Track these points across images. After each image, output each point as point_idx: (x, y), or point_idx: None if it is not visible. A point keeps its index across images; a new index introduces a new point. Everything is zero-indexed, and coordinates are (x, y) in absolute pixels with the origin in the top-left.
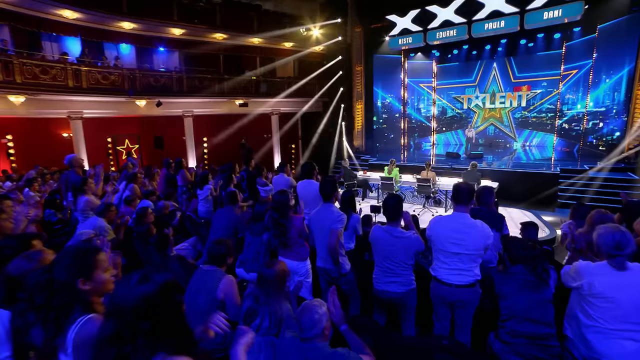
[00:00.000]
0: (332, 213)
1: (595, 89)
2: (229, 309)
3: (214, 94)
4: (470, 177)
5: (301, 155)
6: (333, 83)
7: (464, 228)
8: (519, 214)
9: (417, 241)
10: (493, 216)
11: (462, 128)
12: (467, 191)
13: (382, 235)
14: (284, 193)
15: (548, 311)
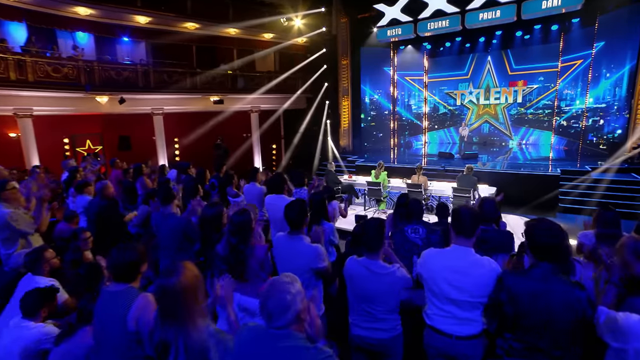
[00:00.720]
0: (306, 248)
1: (595, 84)
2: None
3: (185, 90)
4: (465, 182)
5: (284, 155)
6: (317, 78)
7: (467, 268)
8: (519, 220)
9: (404, 279)
10: (501, 236)
11: (455, 126)
12: (472, 218)
13: (359, 272)
14: (244, 213)
15: None
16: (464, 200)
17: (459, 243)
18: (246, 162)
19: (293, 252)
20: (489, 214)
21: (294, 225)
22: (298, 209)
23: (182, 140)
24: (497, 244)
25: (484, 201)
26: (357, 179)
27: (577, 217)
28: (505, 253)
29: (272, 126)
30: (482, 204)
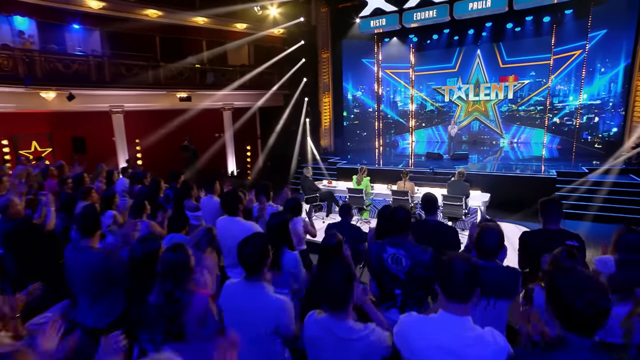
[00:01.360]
0: (269, 303)
1: (590, 79)
2: None
3: (147, 85)
4: (457, 189)
5: (260, 157)
6: (295, 72)
7: (464, 348)
8: (514, 230)
9: (381, 346)
10: (506, 276)
11: (444, 123)
12: (467, 277)
13: (322, 336)
14: (178, 250)
15: None
16: (455, 209)
17: (451, 310)
18: (218, 164)
19: (250, 306)
20: (488, 246)
21: (250, 269)
22: (257, 247)
23: (145, 142)
24: (497, 287)
25: (485, 234)
26: (338, 184)
27: (578, 225)
28: (508, 298)
29: (247, 125)
30: (481, 237)
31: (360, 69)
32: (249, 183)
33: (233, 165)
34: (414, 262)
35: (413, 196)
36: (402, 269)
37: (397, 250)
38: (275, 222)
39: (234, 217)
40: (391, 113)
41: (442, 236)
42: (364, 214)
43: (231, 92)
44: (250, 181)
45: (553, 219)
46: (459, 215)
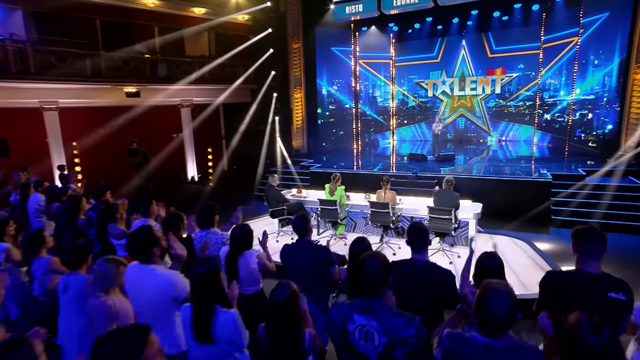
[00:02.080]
0: None
1: (582, 72)
2: None
3: (85, 78)
4: (445, 199)
5: (226, 160)
6: (262, 64)
7: None
8: (510, 244)
9: None
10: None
11: (427, 120)
12: None
13: None
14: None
15: None
16: (443, 223)
17: None
18: (176, 170)
19: None
20: (499, 321)
21: None
22: None
23: (85, 144)
24: None
25: (490, 297)
26: (309, 194)
27: None
28: None
29: (210, 124)
30: (485, 302)
31: (336, 61)
32: (210, 190)
33: (194, 169)
34: (391, 340)
35: (394, 208)
36: (374, 348)
37: (367, 320)
38: (202, 270)
39: (146, 263)
40: (369, 111)
41: (434, 284)
42: (339, 229)
43: (189, 87)
44: (212, 188)
45: (593, 256)
46: (447, 231)
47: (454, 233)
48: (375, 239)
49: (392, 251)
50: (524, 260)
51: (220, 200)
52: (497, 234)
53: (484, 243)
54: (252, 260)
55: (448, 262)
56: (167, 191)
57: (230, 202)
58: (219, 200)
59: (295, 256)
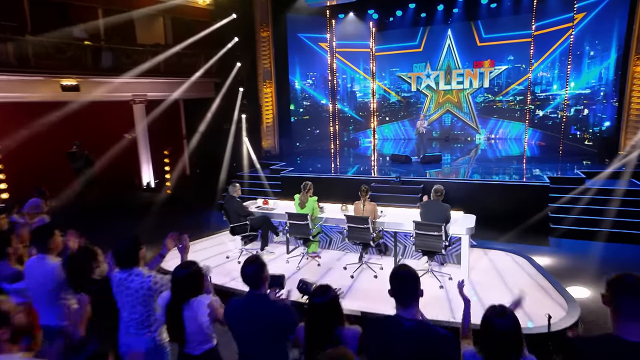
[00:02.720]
0: None
1: (577, 65)
2: None
3: (9, 67)
4: (433, 212)
5: (187, 163)
6: (227, 55)
7: None
8: (507, 260)
9: None
10: None
11: (411, 117)
12: None
13: None
14: None
15: None
16: (431, 241)
17: None
18: (129, 175)
19: None
20: None
21: None
22: None
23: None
24: None
25: None
26: (277, 205)
27: (588, 246)
28: None
29: (168, 123)
30: None
31: (310, 51)
32: (166, 198)
33: (150, 174)
34: None
35: (375, 222)
36: None
37: None
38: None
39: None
40: (348, 108)
41: (425, 352)
42: (312, 246)
43: (141, 80)
44: (169, 195)
45: (633, 317)
46: (437, 249)
47: (444, 252)
48: (354, 257)
49: (373, 273)
50: (526, 282)
51: (179, 209)
52: (492, 247)
53: (478, 259)
54: (201, 310)
55: (438, 286)
56: (117, 199)
57: (192, 211)
58: (178, 210)
59: (243, 319)
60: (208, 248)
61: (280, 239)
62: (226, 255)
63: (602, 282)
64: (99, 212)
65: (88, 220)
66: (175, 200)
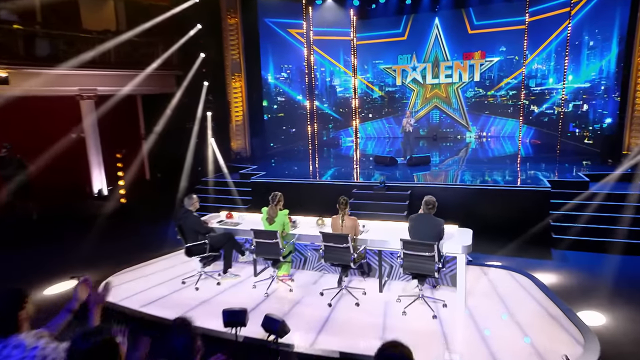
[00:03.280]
0: None
1: (576, 56)
2: None
3: None
4: (424, 228)
5: (147, 169)
6: (190, 45)
7: None
8: (507, 279)
9: None
10: None
11: (396, 114)
12: None
13: None
14: None
15: None
16: (422, 262)
17: None
18: (77, 181)
19: None
20: None
21: None
22: None
23: None
24: None
25: None
26: (244, 218)
27: (601, 259)
28: None
29: (125, 121)
30: None
31: (285, 41)
32: (119, 207)
33: (102, 180)
34: None
35: (356, 239)
36: None
37: None
38: None
39: None
40: (327, 104)
41: None
42: (283, 268)
43: (88, 72)
44: (123, 205)
45: None
46: (428, 272)
47: (437, 275)
48: (332, 279)
49: (355, 300)
50: (533, 309)
51: (133, 221)
52: (491, 265)
53: (476, 280)
54: None
55: (431, 316)
56: (60, 210)
57: (148, 222)
58: (132, 222)
59: None
60: (161, 271)
61: (247, 259)
62: (182, 280)
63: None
64: (34, 226)
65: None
66: (130, 209)
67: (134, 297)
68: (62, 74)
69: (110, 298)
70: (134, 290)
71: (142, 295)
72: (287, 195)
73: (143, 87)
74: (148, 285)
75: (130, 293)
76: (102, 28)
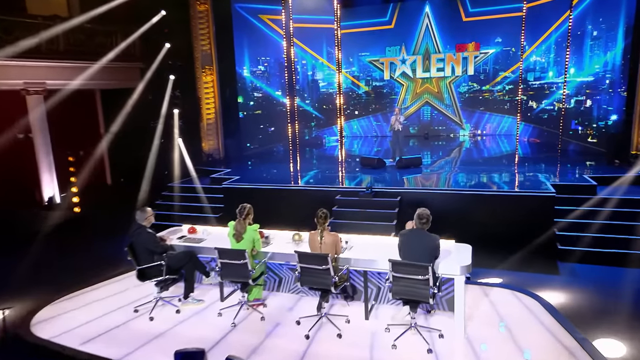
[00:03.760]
0: None
1: (578, 47)
2: None
3: None
4: (417, 247)
5: (108, 173)
6: (152, 33)
7: None
8: (511, 301)
9: None
10: None
11: (384, 110)
12: None
13: None
14: None
15: None
16: (414, 287)
17: None
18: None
19: None
20: None
21: None
22: None
23: None
24: None
25: None
26: (210, 233)
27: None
28: None
29: (81, 119)
30: None
31: (262, 31)
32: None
33: (54, 187)
34: None
35: (338, 258)
36: None
37: None
38: None
39: None
40: (309, 100)
41: None
42: (253, 292)
43: (33, 63)
44: (77, 214)
45: None
46: (422, 298)
47: (431, 301)
48: (312, 304)
49: (337, 330)
50: (543, 339)
51: (87, 234)
52: (492, 285)
53: (476, 302)
54: None
55: (425, 350)
56: (2, 222)
57: (104, 235)
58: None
59: None
60: (111, 296)
61: (213, 281)
62: (134, 308)
63: None
64: None
65: None
66: (84, 220)
67: (75, 331)
68: (2, 64)
69: (44, 334)
70: (74, 323)
71: (84, 329)
72: (263, 203)
73: (102, 80)
74: (93, 315)
75: (69, 326)
76: (52, 13)
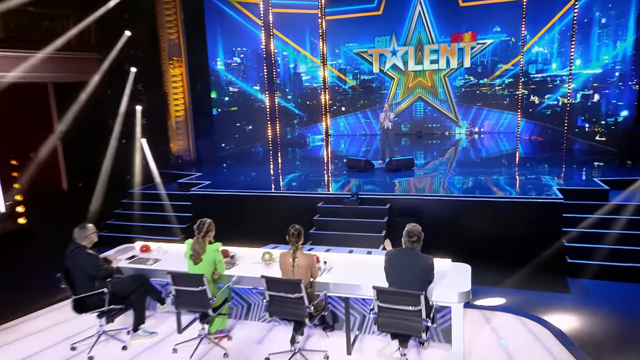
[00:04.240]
0: None
1: (585, 37)
2: None
3: None
4: (407, 270)
5: (64, 177)
6: (110, 18)
7: None
8: (517, 328)
9: None
10: None
11: (374, 107)
12: None
13: None
14: None
15: None
16: (405, 319)
17: None
18: None
19: None
20: None
21: None
22: None
23: None
24: None
25: None
26: (167, 251)
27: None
28: None
29: (30, 116)
30: None
31: (236, 19)
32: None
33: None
34: None
35: (314, 282)
36: None
37: None
38: None
39: None
40: (290, 96)
41: None
42: (216, 323)
43: None
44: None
45: None
46: (412, 332)
47: (425, 336)
48: (285, 334)
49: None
50: None
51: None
52: (493, 308)
53: (476, 331)
54: None
55: None
56: None
57: (51, 252)
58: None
59: None
60: (46, 329)
61: (169, 309)
62: (72, 345)
63: None
64: None
65: None
66: (29, 233)
67: None
68: None
69: None
70: None
71: None
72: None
73: (53, 72)
74: (22, 354)
75: None
76: None
